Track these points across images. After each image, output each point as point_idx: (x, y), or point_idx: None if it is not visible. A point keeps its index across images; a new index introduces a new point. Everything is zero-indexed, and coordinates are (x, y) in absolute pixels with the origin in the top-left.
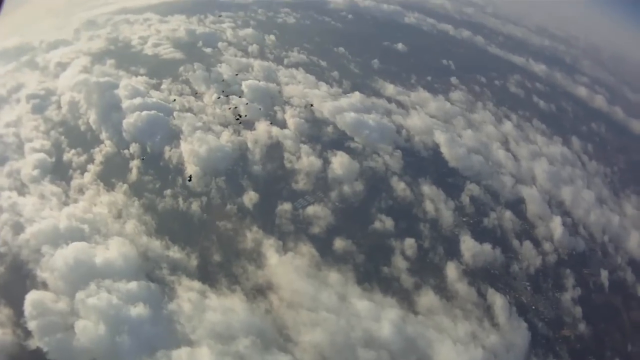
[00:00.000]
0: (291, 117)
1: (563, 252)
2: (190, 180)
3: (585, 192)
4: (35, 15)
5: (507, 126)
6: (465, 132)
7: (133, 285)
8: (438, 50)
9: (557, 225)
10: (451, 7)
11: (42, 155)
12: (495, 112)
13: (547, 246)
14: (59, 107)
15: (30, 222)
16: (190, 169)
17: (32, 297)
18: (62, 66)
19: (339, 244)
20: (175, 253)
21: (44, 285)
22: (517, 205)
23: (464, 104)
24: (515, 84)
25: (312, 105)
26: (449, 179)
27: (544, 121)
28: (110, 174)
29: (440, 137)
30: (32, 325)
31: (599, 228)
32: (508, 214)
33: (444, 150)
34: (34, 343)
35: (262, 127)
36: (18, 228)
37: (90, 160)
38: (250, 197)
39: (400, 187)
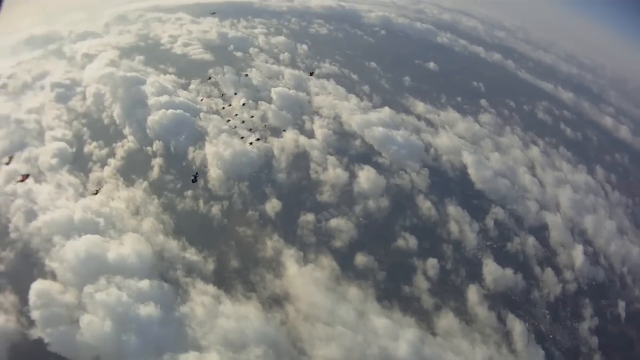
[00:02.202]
0: (319, 128)
1: (583, 281)
2: (194, 181)
3: (607, 222)
4: (67, 6)
5: (534, 151)
6: (492, 155)
7: (145, 283)
8: (469, 72)
9: (578, 254)
10: (483, 30)
11: (62, 144)
12: (523, 136)
13: (567, 274)
14: (84, 98)
15: (44, 211)
16: (214, 171)
17: (37, 287)
18: (89, 58)
19: (360, 259)
20: (192, 255)
21: (53, 276)
22: (540, 231)
23: (493, 126)
24: (544, 110)
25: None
26: (475, 201)
27: (570, 149)
28: (131, 170)
29: (467, 158)
30: (35, 314)
31: (618, 259)
32: (531, 239)
33: (471, 171)
34: (36, 333)
35: (290, 135)
36: (31, 215)
37: (112, 154)
38: (273, 205)
39: (425, 205)
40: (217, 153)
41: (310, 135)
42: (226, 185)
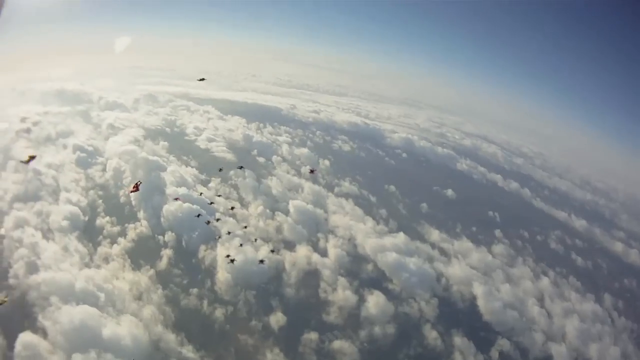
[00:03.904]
0: (333, 247)
1: None
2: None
3: (611, 348)
4: (100, 68)
5: (544, 282)
6: (503, 287)
7: None
8: (486, 201)
9: None
10: (502, 156)
11: (76, 209)
12: (534, 267)
13: None
14: (104, 169)
15: (46, 268)
16: (222, 275)
17: (26, 338)
18: (114, 130)
19: None
20: (188, 352)
21: (43, 333)
22: None
23: (505, 257)
24: (556, 240)
25: None
26: (482, 332)
27: (580, 278)
28: (140, 255)
29: (478, 289)
30: None
31: None
32: None
33: (480, 303)
34: None
35: (303, 251)
36: (32, 268)
37: (123, 234)
38: (277, 319)
39: (432, 335)
40: (226, 257)
41: (324, 253)
42: (233, 291)
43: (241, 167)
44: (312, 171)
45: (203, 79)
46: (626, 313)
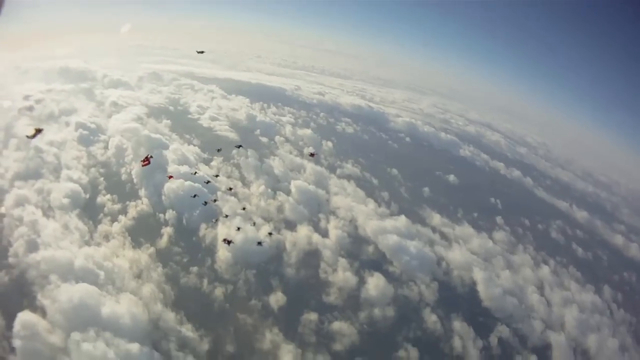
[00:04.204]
0: (334, 228)
1: None
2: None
3: (609, 340)
4: (105, 47)
5: (544, 271)
6: (503, 273)
7: (135, 347)
8: (487, 188)
9: None
10: (505, 145)
11: (77, 187)
12: (535, 256)
13: None
14: (106, 147)
15: (46, 246)
16: (222, 253)
17: (25, 317)
18: (117, 107)
19: None
20: (187, 331)
21: (42, 312)
22: (543, 351)
23: (506, 244)
24: (557, 230)
25: None
26: (481, 318)
27: (580, 269)
28: (140, 233)
29: (478, 275)
30: (17, 343)
31: None
32: (533, 358)
33: (480, 288)
34: None
35: (304, 231)
36: (32, 246)
37: (124, 211)
38: (277, 299)
39: (431, 319)
40: (228, 235)
41: (324, 234)
42: (233, 270)
43: (240, 146)
44: (312, 154)
45: (202, 52)
46: (625, 306)
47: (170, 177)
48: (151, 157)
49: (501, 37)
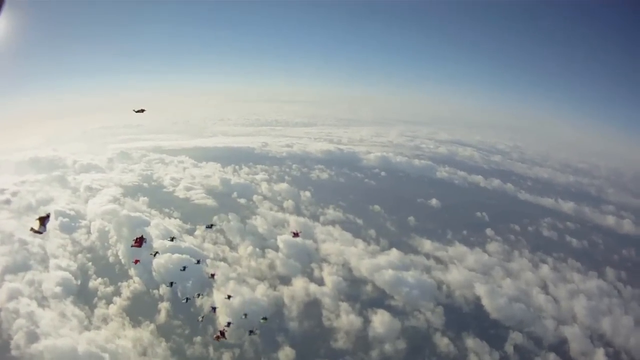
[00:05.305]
0: (329, 275)
1: None
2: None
3: (623, 318)
4: (70, 132)
5: (544, 270)
6: (504, 282)
7: None
8: (471, 203)
9: (600, 359)
10: (479, 157)
11: (67, 274)
12: (532, 258)
13: None
14: (88, 232)
15: (46, 336)
16: (223, 319)
17: None
18: (92, 191)
19: None
20: None
21: None
22: (560, 346)
23: (501, 254)
24: (548, 227)
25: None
26: (492, 330)
27: (578, 259)
28: (138, 311)
29: (480, 290)
30: None
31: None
32: (552, 356)
33: (485, 302)
34: None
35: (300, 283)
36: (32, 337)
37: (117, 293)
38: (286, 354)
39: (443, 343)
40: (225, 301)
41: (320, 282)
42: (236, 334)
43: (211, 226)
44: (295, 234)
45: (142, 110)
46: (631, 282)
47: (137, 261)
48: (144, 239)
49: (451, 49)
